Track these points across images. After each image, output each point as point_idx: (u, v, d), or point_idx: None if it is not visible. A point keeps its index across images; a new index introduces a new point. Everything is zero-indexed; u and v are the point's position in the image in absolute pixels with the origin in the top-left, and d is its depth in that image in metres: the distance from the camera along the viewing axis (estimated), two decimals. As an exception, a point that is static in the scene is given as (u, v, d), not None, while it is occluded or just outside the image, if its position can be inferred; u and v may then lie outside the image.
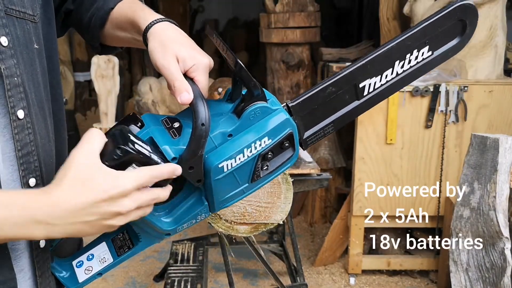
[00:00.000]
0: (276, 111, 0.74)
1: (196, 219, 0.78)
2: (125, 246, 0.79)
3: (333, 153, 3.59)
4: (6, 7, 0.71)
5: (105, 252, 0.79)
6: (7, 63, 0.69)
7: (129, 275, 3.09)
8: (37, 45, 0.77)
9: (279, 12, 3.56)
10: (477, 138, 2.16)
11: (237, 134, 0.73)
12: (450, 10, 0.78)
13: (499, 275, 2.09)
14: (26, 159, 0.73)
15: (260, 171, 0.75)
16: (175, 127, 0.73)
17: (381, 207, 2.91)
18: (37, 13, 0.78)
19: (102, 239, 0.79)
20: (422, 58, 0.80)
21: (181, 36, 0.79)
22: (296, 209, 3.90)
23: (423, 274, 3.07)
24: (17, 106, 0.71)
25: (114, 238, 0.79)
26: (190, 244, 2.81)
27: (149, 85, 4.45)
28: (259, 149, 0.73)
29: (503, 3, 2.84)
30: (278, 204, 0.90)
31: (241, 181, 0.75)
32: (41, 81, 0.78)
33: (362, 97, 0.80)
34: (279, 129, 0.74)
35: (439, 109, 2.76)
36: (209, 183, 0.73)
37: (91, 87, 5.21)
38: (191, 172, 0.71)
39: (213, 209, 0.77)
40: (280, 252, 2.89)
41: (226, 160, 0.72)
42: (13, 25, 0.72)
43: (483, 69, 2.83)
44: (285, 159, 0.77)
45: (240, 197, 0.78)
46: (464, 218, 2.21)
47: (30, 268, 0.76)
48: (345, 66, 0.80)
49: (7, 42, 0.70)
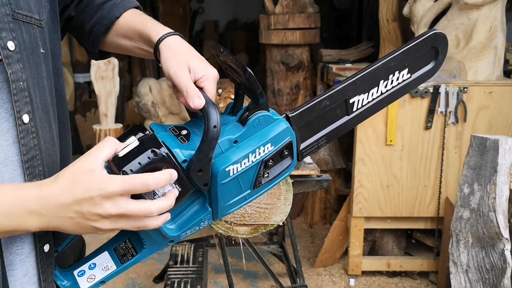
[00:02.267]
0: (278, 120, 0.79)
1: (199, 226, 0.80)
2: (128, 254, 0.80)
3: (333, 154, 3.59)
4: (13, 11, 0.71)
5: (108, 261, 0.80)
6: (13, 67, 0.70)
7: (129, 276, 3.09)
8: (43, 49, 0.78)
9: (278, 14, 3.56)
10: (477, 139, 2.16)
11: (242, 141, 0.77)
12: (425, 37, 0.86)
13: (499, 276, 2.09)
14: (31, 164, 0.73)
15: (261, 178, 0.79)
16: (183, 134, 0.76)
17: (381, 208, 2.91)
18: (44, 18, 0.80)
19: (104, 248, 0.81)
20: (402, 80, 0.88)
21: (191, 49, 0.86)
22: (296, 211, 3.90)
23: (423, 275, 3.07)
24: (22, 111, 0.71)
25: (116, 247, 0.80)
26: (190, 245, 2.82)
27: (148, 87, 4.45)
28: (262, 155, 0.77)
29: (503, 5, 2.85)
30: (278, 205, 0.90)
31: (244, 187, 0.78)
32: (46, 85, 0.79)
33: (351, 113, 0.86)
34: (280, 136, 0.78)
35: (439, 110, 2.76)
36: (214, 188, 0.75)
37: (91, 88, 5.21)
38: (200, 175, 0.73)
39: (216, 216, 0.79)
40: (280, 253, 2.89)
41: (232, 164, 0.75)
42: (20, 30, 0.73)
43: (482, 71, 2.83)
44: (284, 168, 0.81)
45: (242, 204, 0.80)
46: (464, 219, 2.21)
47: (35, 272, 0.76)
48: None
49: (14, 47, 0.70)
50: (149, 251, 0.80)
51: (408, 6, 3.21)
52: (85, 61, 5.40)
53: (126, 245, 0.80)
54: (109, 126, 4.05)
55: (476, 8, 2.81)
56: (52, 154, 0.79)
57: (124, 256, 0.80)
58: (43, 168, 0.75)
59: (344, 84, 0.84)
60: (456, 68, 2.82)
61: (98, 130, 3.99)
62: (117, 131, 4.03)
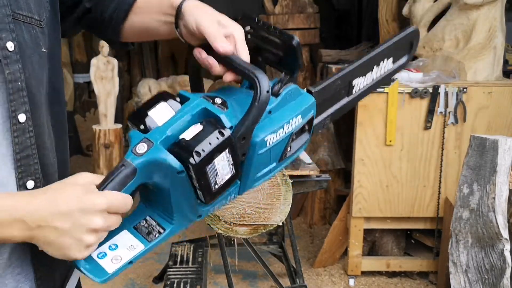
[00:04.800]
0: (305, 94, 0.80)
1: (227, 200, 0.78)
2: (154, 231, 0.77)
3: (333, 154, 3.59)
4: (13, 12, 0.72)
5: (131, 240, 0.76)
6: (11, 68, 0.71)
7: (128, 277, 3.09)
8: (44, 49, 0.79)
9: (278, 14, 3.56)
10: (476, 139, 2.16)
11: (276, 111, 0.76)
12: (408, 32, 0.95)
13: (498, 277, 2.09)
14: (25, 162, 0.73)
15: (287, 151, 0.79)
16: (218, 103, 0.74)
17: (380, 208, 2.91)
18: (44, 18, 0.80)
19: (122, 228, 0.76)
20: (387, 68, 0.96)
21: (214, 9, 0.83)
22: (295, 211, 3.90)
23: (422, 276, 3.07)
24: (18, 110, 0.72)
25: (137, 225, 0.77)
26: (190, 245, 2.81)
27: (148, 87, 4.45)
28: (293, 127, 0.77)
29: (502, 5, 2.85)
30: (277, 206, 0.90)
31: (273, 159, 0.78)
32: (45, 85, 0.79)
33: (351, 94, 0.91)
34: (308, 110, 0.79)
35: (438, 111, 2.76)
36: (250, 159, 0.74)
37: (90, 88, 5.22)
38: (242, 144, 0.72)
39: (243, 189, 0.78)
40: (279, 253, 2.89)
41: (270, 134, 0.74)
42: (20, 30, 0.73)
43: (482, 71, 2.83)
44: (303, 142, 0.81)
45: (267, 177, 0.80)
46: (464, 219, 2.21)
47: (30, 271, 0.76)
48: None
49: (14, 47, 0.71)
50: (177, 227, 0.77)
51: (408, 6, 3.21)
52: (85, 61, 5.41)
53: (149, 223, 0.77)
54: (109, 126, 4.05)
55: (476, 8, 2.81)
56: (50, 154, 0.79)
57: (150, 234, 0.76)
58: (39, 167, 0.76)
59: (353, 66, 0.88)
60: (455, 68, 2.82)
61: (98, 130, 3.99)
62: (116, 131, 4.02)
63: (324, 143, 3.57)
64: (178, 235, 3.56)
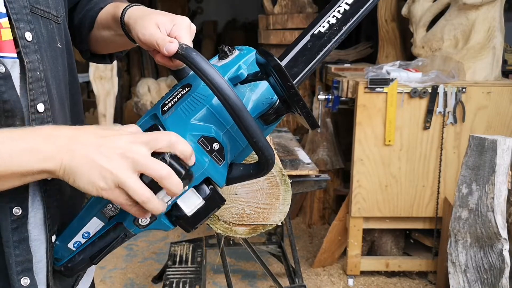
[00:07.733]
0: None
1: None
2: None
3: (332, 154, 3.59)
4: (31, 5, 0.73)
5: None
6: (31, 57, 0.71)
7: (127, 276, 3.09)
8: (60, 44, 0.79)
9: (277, 14, 3.56)
10: (475, 139, 2.17)
11: None
12: None
13: (497, 276, 2.09)
14: None
15: None
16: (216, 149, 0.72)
17: (379, 208, 2.91)
18: (61, 14, 0.82)
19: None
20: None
21: (155, 10, 0.83)
22: (294, 211, 3.90)
23: (421, 275, 3.07)
24: (37, 100, 0.71)
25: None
26: (189, 245, 2.81)
27: (147, 87, 4.45)
28: None
29: (501, 5, 2.85)
30: (276, 206, 0.90)
31: None
32: (62, 79, 0.80)
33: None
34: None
35: (437, 111, 2.76)
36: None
37: (89, 88, 5.21)
38: None
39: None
40: (278, 253, 2.89)
41: None
42: (38, 23, 0.74)
43: (481, 71, 2.83)
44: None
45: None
46: (463, 219, 2.22)
47: (45, 261, 0.76)
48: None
49: (32, 38, 0.72)
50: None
51: (407, 6, 3.21)
52: (84, 61, 5.39)
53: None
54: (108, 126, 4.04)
55: (475, 9, 2.81)
56: None
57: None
58: None
59: None
60: (454, 68, 2.82)
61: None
62: (115, 131, 4.02)
63: (323, 143, 3.57)
64: (177, 235, 3.55)
